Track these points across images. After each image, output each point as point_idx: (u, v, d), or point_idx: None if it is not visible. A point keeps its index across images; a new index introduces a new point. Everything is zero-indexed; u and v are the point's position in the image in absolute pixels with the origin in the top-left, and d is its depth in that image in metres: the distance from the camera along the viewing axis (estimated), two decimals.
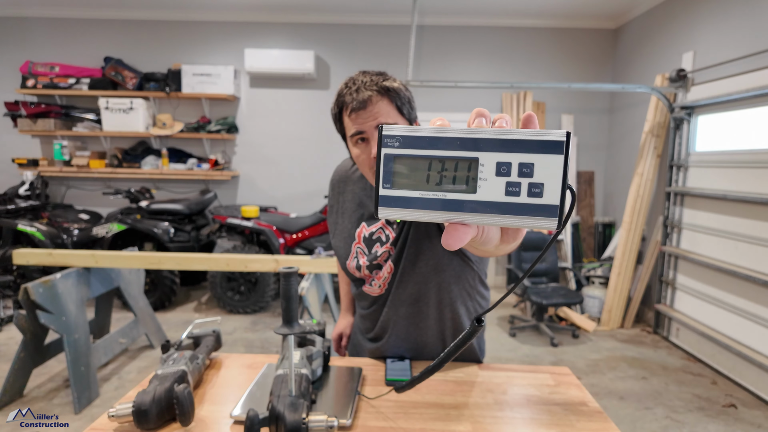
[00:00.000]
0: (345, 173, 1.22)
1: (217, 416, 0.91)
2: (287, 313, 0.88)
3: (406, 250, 1.08)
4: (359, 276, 1.15)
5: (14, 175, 4.82)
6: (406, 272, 1.09)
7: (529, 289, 3.68)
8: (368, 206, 1.14)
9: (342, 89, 1.00)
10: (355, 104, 0.95)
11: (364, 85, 0.96)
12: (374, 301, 1.17)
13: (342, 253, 1.16)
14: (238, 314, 4.07)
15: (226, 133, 4.75)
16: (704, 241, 3.38)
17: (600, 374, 3.07)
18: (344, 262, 1.15)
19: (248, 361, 1.17)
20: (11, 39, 4.79)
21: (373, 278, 1.13)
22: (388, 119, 0.96)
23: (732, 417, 2.57)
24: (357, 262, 1.13)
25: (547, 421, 0.92)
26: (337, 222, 1.20)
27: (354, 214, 1.16)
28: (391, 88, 0.97)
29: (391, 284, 1.12)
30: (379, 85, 0.96)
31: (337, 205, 1.20)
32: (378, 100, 0.96)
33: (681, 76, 3.57)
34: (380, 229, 1.11)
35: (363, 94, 0.95)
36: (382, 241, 1.10)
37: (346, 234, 1.15)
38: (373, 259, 1.11)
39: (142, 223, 4.03)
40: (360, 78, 0.98)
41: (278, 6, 4.53)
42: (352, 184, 1.18)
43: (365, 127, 0.96)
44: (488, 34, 4.78)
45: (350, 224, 1.15)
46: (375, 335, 1.20)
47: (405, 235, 1.08)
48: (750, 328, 2.93)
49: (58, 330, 2.41)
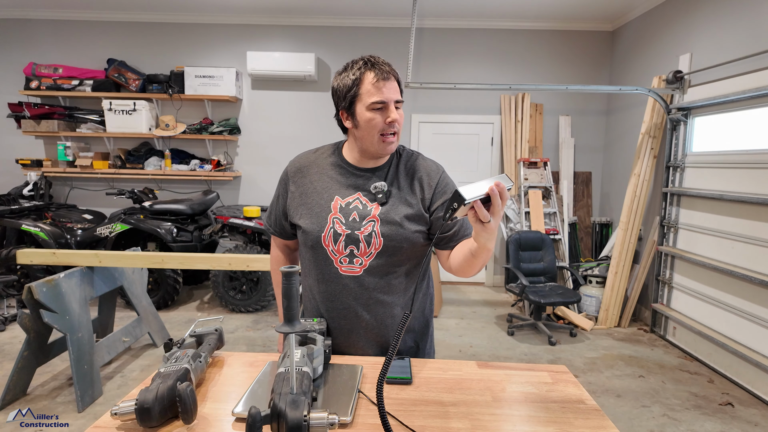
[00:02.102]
0: (306, 161, 1.27)
1: (219, 414, 0.92)
2: (288, 312, 0.90)
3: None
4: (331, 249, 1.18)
5: (18, 175, 4.85)
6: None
7: (527, 289, 3.70)
8: (341, 180, 1.21)
9: (360, 63, 1.13)
10: (382, 76, 1.10)
11: (381, 63, 1.13)
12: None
13: (315, 227, 1.18)
14: (240, 313, 4.10)
15: (229, 134, 4.77)
16: (701, 240, 3.40)
17: (597, 372, 3.09)
18: (318, 236, 1.17)
19: (250, 360, 1.18)
20: (15, 41, 4.81)
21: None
22: (398, 96, 1.14)
23: (728, 415, 2.59)
24: (334, 231, 1.16)
25: (545, 419, 0.94)
26: (303, 203, 1.22)
27: (326, 191, 1.21)
28: (396, 72, 1.16)
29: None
30: (393, 70, 1.15)
31: (299, 190, 1.24)
32: (393, 79, 1.13)
33: (678, 77, 3.59)
34: (356, 200, 1.18)
35: (386, 69, 1.12)
36: (359, 210, 1.17)
37: (319, 209, 1.19)
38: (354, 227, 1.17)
39: (145, 223, 4.06)
40: (379, 59, 1.14)
41: (280, 9, 4.56)
42: (317, 166, 1.25)
43: (389, 98, 1.11)
44: (487, 36, 4.80)
45: (322, 200, 1.20)
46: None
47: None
48: (746, 327, 2.95)
49: (61, 329, 2.43)
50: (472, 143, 4.95)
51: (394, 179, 1.20)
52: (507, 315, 4.11)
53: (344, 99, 1.14)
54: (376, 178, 1.20)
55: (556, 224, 4.57)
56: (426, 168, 1.22)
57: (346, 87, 1.13)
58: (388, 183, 1.19)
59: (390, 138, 1.14)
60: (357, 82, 1.12)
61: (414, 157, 1.25)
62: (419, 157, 1.26)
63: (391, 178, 1.20)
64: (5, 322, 3.62)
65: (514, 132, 4.80)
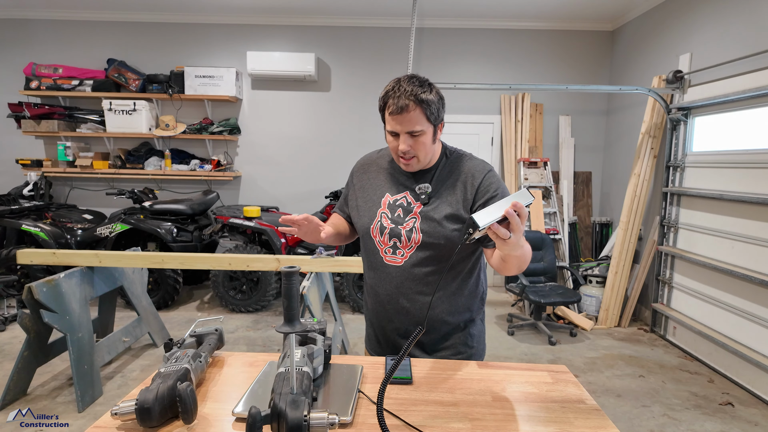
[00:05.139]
0: (369, 159, 1.42)
1: (219, 414, 0.93)
2: (289, 312, 0.90)
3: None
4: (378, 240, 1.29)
5: (18, 175, 4.85)
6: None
7: (528, 288, 3.70)
8: (393, 179, 1.33)
9: (388, 90, 1.18)
10: (394, 109, 1.15)
11: (405, 93, 1.14)
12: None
13: (366, 219, 1.31)
14: (240, 313, 4.10)
15: (229, 134, 4.77)
16: (701, 240, 3.40)
17: (597, 372, 3.09)
18: (368, 227, 1.30)
19: (250, 360, 1.18)
20: (15, 41, 4.81)
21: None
22: (417, 126, 1.16)
23: (729, 415, 2.59)
24: (380, 224, 1.28)
25: (545, 419, 0.94)
26: (361, 197, 1.36)
27: (379, 187, 1.33)
28: (425, 100, 1.15)
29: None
30: (417, 97, 1.14)
31: (360, 184, 1.39)
32: (413, 108, 1.15)
33: (678, 77, 3.59)
34: (403, 197, 1.29)
35: (402, 102, 1.14)
36: (403, 207, 1.27)
37: (371, 203, 1.32)
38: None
39: (145, 223, 4.06)
40: (404, 86, 1.15)
41: (280, 9, 4.56)
42: (376, 165, 1.39)
43: (398, 130, 1.18)
44: (487, 36, 4.80)
45: (375, 195, 1.33)
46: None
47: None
48: (747, 326, 2.95)
49: (61, 329, 2.43)
50: (473, 143, 4.94)
51: (439, 180, 1.27)
52: (507, 315, 4.11)
53: (381, 117, 1.25)
54: (424, 179, 1.28)
55: (556, 224, 4.57)
56: (470, 169, 1.27)
57: (379, 108, 1.23)
58: (433, 184, 1.27)
59: (405, 161, 1.23)
60: (382, 108, 1.21)
61: (460, 159, 1.31)
62: (466, 158, 1.31)
63: (437, 179, 1.28)
64: (5, 322, 3.63)
65: (514, 132, 4.80)
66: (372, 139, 4.88)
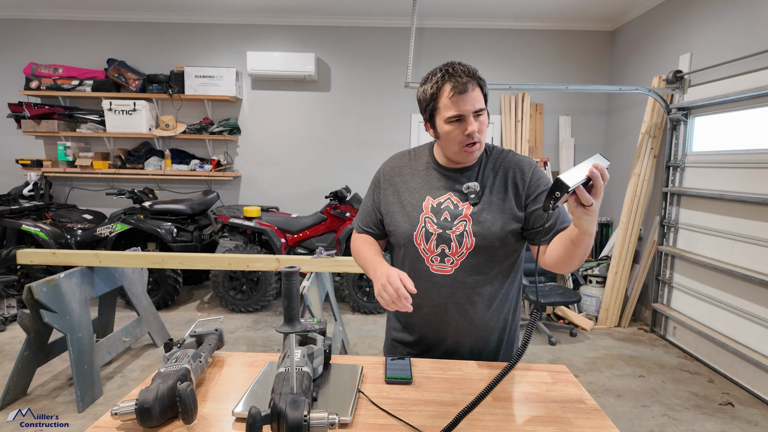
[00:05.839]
0: (400, 162, 1.31)
1: (219, 414, 0.92)
2: (289, 312, 0.90)
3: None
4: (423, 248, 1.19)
5: (18, 175, 4.85)
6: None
7: (527, 288, 3.70)
8: (432, 181, 1.23)
9: (443, 74, 1.11)
10: (458, 90, 1.08)
11: (464, 72, 1.10)
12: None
13: (407, 226, 1.21)
14: (240, 313, 4.10)
15: (229, 134, 4.78)
16: (701, 240, 3.40)
17: (597, 372, 3.09)
18: (410, 234, 1.20)
19: (250, 360, 1.18)
20: (15, 41, 4.81)
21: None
22: (478, 105, 1.10)
23: (729, 415, 2.59)
24: (425, 230, 1.19)
25: (545, 419, 0.94)
26: (395, 202, 1.25)
27: (417, 191, 1.24)
28: (481, 78, 1.13)
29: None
30: (474, 75, 1.11)
31: (392, 189, 1.27)
32: (474, 86, 1.10)
33: (678, 77, 3.59)
34: (448, 200, 1.20)
35: (464, 80, 1.09)
36: (450, 210, 1.18)
37: (411, 208, 1.22)
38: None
39: (145, 223, 4.06)
40: (458, 68, 1.11)
41: (280, 9, 4.56)
42: (409, 167, 1.28)
43: (465, 110, 1.10)
44: (487, 36, 4.80)
45: (414, 199, 1.23)
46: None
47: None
48: (747, 326, 2.95)
49: (61, 329, 2.43)
50: None
51: (485, 178, 1.20)
52: None
53: (425, 111, 1.17)
54: (465, 178, 1.20)
55: None
56: (518, 164, 1.21)
57: (426, 100, 1.15)
58: (478, 182, 1.19)
59: (471, 147, 1.14)
60: (435, 96, 1.13)
61: (504, 155, 1.24)
62: (510, 154, 1.24)
63: (482, 177, 1.20)
64: (5, 322, 3.63)
65: (514, 132, 4.80)
66: (372, 140, 4.89)
